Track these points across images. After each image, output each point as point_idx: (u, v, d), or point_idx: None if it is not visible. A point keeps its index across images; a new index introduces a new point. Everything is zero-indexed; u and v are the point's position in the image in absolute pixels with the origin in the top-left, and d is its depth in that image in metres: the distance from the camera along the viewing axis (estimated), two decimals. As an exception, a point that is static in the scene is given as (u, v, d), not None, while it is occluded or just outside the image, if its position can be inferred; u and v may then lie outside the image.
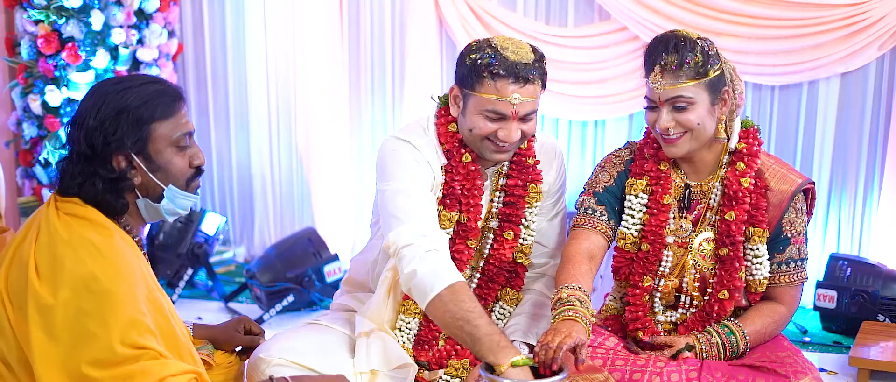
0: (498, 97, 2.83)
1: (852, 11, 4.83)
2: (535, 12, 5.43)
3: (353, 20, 5.70)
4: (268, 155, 6.03)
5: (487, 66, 2.82)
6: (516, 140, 2.91)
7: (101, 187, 2.34)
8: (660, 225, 2.99)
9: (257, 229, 6.12)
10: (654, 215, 3.00)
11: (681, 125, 2.86)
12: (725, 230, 2.96)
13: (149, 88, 2.39)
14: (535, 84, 2.86)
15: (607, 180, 3.08)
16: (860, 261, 4.78)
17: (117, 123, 2.32)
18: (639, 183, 3.02)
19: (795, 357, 2.94)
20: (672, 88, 2.83)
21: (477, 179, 2.99)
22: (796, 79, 5.09)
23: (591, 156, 5.47)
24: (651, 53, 2.87)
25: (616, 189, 3.07)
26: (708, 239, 3.02)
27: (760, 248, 2.98)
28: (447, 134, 2.99)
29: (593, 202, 3.05)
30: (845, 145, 5.11)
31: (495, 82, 2.82)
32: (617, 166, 3.10)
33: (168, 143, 2.39)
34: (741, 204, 2.93)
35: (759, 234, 2.96)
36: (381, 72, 5.72)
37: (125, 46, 5.27)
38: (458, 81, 2.94)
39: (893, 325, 4.50)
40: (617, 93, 5.29)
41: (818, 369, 4.07)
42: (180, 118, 2.42)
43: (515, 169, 3.07)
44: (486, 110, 2.85)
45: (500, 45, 2.86)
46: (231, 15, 5.90)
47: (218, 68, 5.99)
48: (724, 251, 2.97)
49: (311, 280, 5.01)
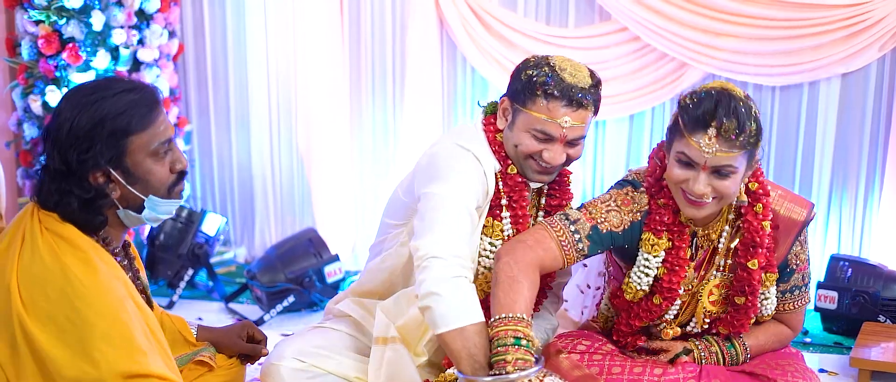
0: (548, 118, 2.78)
1: (853, 12, 4.82)
2: (535, 13, 5.43)
3: (354, 20, 5.70)
4: (268, 155, 6.03)
5: (543, 84, 2.76)
6: (560, 163, 2.86)
7: (76, 207, 2.27)
8: (678, 282, 2.84)
9: (258, 229, 6.11)
10: (674, 272, 2.83)
11: (716, 191, 2.68)
12: (746, 278, 2.83)
13: (123, 97, 2.29)
14: (587, 110, 2.82)
15: (617, 226, 2.84)
16: (861, 262, 4.78)
17: (92, 139, 2.24)
18: (660, 243, 2.81)
19: (796, 363, 2.92)
20: (725, 156, 2.62)
21: (524, 191, 2.93)
22: (797, 79, 5.09)
23: (590, 157, 5.47)
24: (703, 113, 2.63)
25: (623, 239, 2.86)
26: (717, 286, 2.91)
27: (769, 290, 2.91)
28: (496, 142, 2.93)
29: (586, 231, 2.81)
30: (846, 145, 5.10)
31: (548, 102, 2.77)
32: (633, 213, 2.86)
33: (146, 154, 2.31)
34: (762, 249, 2.80)
35: (771, 279, 2.88)
36: (382, 72, 5.72)
37: (126, 47, 5.26)
38: (509, 95, 2.88)
39: (894, 326, 4.49)
40: (617, 94, 5.28)
41: (819, 370, 4.10)
42: (158, 127, 2.33)
43: (557, 189, 3.03)
44: (535, 129, 2.80)
45: (558, 65, 2.80)
46: (232, 15, 5.90)
47: (219, 69, 5.99)
48: (741, 299, 2.87)
49: (311, 281, 5.01)
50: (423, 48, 5.49)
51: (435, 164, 2.88)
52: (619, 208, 2.84)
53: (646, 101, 5.31)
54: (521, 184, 2.91)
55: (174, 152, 2.38)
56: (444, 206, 2.77)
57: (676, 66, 5.21)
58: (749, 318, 2.89)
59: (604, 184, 5.50)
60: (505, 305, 2.61)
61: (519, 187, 2.91)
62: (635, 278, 2.85)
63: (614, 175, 5.48)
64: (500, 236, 2.91)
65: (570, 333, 3.07)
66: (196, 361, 2.75)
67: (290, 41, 5.77)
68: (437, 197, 2.79)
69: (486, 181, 2.88)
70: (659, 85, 5.27)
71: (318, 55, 5.65)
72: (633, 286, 2.86)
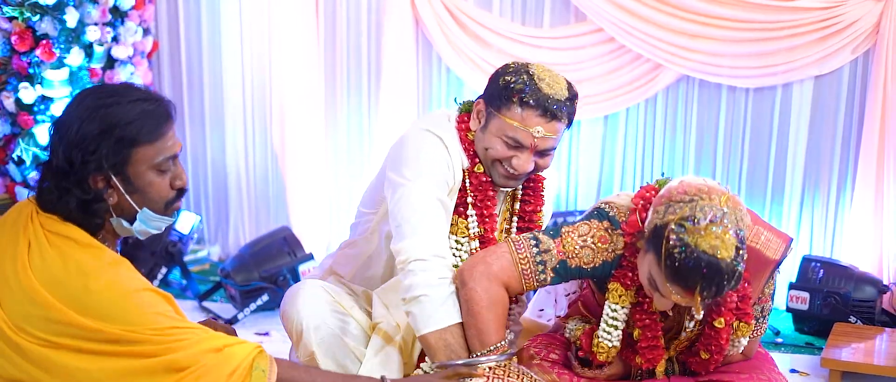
0: (521, 125, 2.78)
1: (826, 15, 4.85)
2: (511, 13, 5.44)
3: (330, 19, 5.69)
4: (243, 154, 6.01)
5: (519, 92, 2.77)
6: (528, 172, 2.87)
7: (73, 206, 2.27)
8: (655, 337, 2.78)
9: (232, 227, 6.10)
10: (646, 327, 2.77)
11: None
12: (713, 337, 2.77)
13: (137, 106, 2.28)
14: (561, 121, 2.82)
15: (587, 263, 2.77)
16: (832, 263, 4.81)
17: (99, 142, 2.23)
18: (627, 294, 2.76)
19: (764, 367, 2.92)
20: (700, 306, 2.53)
21: (490, 190, 2.94)
22: (770, 81, 5.11)
23: (565, 158, 5.48)
24: (688, 277, 2.47)
25: (590, 274, 2.80)
26: (687, 338, 2.85)
27: (742, 340, 2.84)
28: (466, 140, 2.94)
29: (553, 263, 2.75)
30: (818, 147, 5.14)
31: (522, 110, 2.77)
32: (607, 253, 2.77)
33: (149, 166, 2.31)
34: (728, 305, 2.74)
35: (744, 329, 2.80)
36: (357, 71, 5.72)
37: (100, 44, 5.23)
38: (486, 98, 2.88)
39: (865, 327, 4.53)
40: (592, 94, 5.29)
41: (790, 370, 4.13)
42: (166, 141, 2.33)
43: (530, 194, 3.05)
44: (506, 136, 2.80)
45: (537, 74, 2.80)
46: (206, 13, 5.87)
47: (193, 66, 5.97)
48: (706, 355, 2.81)
49: (285, 279, 5.00)
50: (398, 47, 5.49)
51: (404, 150, 2.90)
52: (594, 246, 2.76)
53: (620, 102, 5.33)
54: (487, 184, 2.93)
55: (177, 169, 2.38)
56: (419, 204, 2.79)
57: (651, 67, 5.23)
58: (711, 368, 2.85)
59: (578, 186, 5.52)
60: (484, 342, 2.68)
61: (484, 186, 2.92)
62: (603, 335, 2.80)
63: (589, 176, 5.50)
64: (466, 233, 2.93)
65: (543, 338, 3.07)
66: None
67: (266, 39, 5.76)
68: (408, 189, 2.81)
69: (454, 172, 2.90)
70: (634, 86, 5.29)
71: (294, 53, 5.64)
72: (604, 345, 2.80)
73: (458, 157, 2.91)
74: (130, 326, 2.20)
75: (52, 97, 5.05)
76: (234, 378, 2.26)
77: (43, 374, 2.20)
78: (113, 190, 2.30)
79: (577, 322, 3.00)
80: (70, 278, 2.21)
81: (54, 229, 2.28)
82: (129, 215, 2.35)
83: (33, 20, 5.00)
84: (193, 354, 2.24)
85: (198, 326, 2.34)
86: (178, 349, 2.23)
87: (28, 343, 2.19)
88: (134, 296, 2.23)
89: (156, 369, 2.22)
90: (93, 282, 2.20)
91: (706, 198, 2.50)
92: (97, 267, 2.23)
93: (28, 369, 2.20)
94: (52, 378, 2.20)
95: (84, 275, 2.21)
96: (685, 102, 5.32)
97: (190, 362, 2.23)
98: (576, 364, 2.90)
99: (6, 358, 2.21)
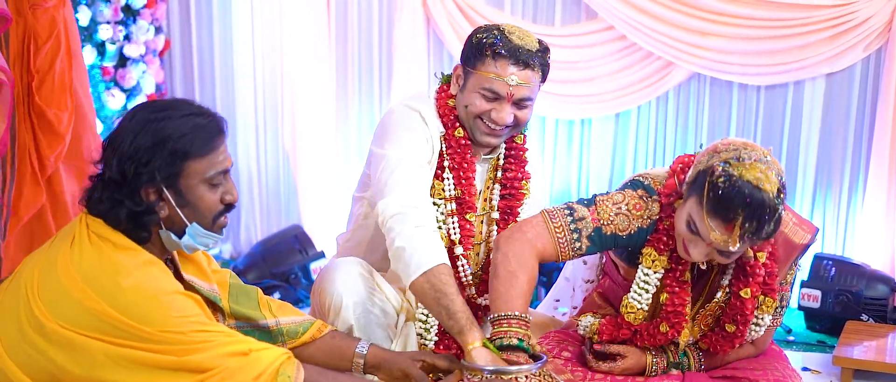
0: (496, 76, 2.89)
1: (838, 12, 4.84)
2: (522, 11, 5.44)
3: (341, 18, 5.69)
4: (254, 152, 6.02)
5: (491, 45, 2.89)
6: (508, 124, 2.94)
7: (124, 217, 2.30)
8: (682, 304, 2.79)
9: (243, 226, 6.10)
10: (675, 294, 2.80)
11: (718, 260, 2.69)
12: (739, 307, 2.80)
13: (190, 120, 2.33)
14: (534, 71, 2.91)
15: (623, 230, 2.81)
16: (844, 261, 4.80)
17: (152, 155, 2.27)
18: (661, 260, 2.79)
19: (779, 364, 2.92)
20: (736, 250, 2.59)
21: (468, 153, 3.02)
22: (782, 79, 5.11)
23: (576, 154, 5.48)
24: (730, 206, 2.52)
25: (626, 242, 2.83)
26: (711, 313, 2.89)
27: (765, 318, 2.86)
28: (445, 107, 3.05)
29: (588, 231, 2.80)
30: (830, 145, 5.13)
31: (496, 62, 2.89)
32: (643, 220, 2.81)
33: (201, 179, 2.34)
34: (756, 278, 2.78)
35: (769, 304, 2.83)
36: (368, 69, 5.72)
37: (112, 42, 5.24)
38: (462, 60, 3.02)
39: (877, 325, 4.52)
40: (603, 92, 5.29)
41: (802, 368, 4.12)
42: (217, 156, 2.37)
43: (512, 162, 3.11)
44: (483, 89, 2.91)
45: (507, 29, 2.94)
46: (218, 11, 5.88)
47: (205, 65, 5.98)
48: (731, 327, 2.84)
49: (297, 278, 5.00)
50: (409, 46, 5.49)
51: (385, 126, 3.04)
52: (628, 213, 2.81)
53: (632, 99, 5.33)
54: (465, 147, 3.02)
55: (227, 184, 2.41)
56: (390, 166, 2.91)
57: (662, 65, 5.22)
58: (733, 345, 2.87)
59: (589, 182, 5.52)
60: (506, 302, 2.65)
61: (462, 149, 3.02)
62: (634, 296, 2.83)
63: (599, 173, 5.50)
64: (442, 195, 3.02)
65: (556, 335, 3.07)
66: None
67: (277, 37, 5.76)
68: (386, 158, 2.93)
69: (431, 142, 3.01)
70: (645, 84, 5.28)
71: (305, 52, 5.64)
72: (632, 306, 2.84)
73: (434, 126, 3.02)
74: (156, 326, 2.22)
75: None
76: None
77: (68, 362, 2.23)
78: (164, 203, 2.33)
79: (590, 318, 3.01)
80: (104, 275, 2.24)
81: (98, 231, 2.31)
82: (178, 229, 2.38)
83: (46, 19, 5.02)
84: (217, 356, 2.26)
85: (225, 329, 2.37)
86: (202, 350, 2.25)
87: (60, 330, 2.22)
88: (163, 298, 2.26)
89: (179, 368, 2.24)
90: (123, 280, 2.23)
91: (750, 148, 2.57)
92: (130, 267, 2.26)
93: (54, 356, 2.23)
94: (76, 365, 2.22)
95: (116, 273, 2.24)
96: (696, 100, 5.32)
97: (213, 364, 2.25)
98: (590, 358, 2.90)
99: (34, 347, 2.25)
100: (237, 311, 2.63)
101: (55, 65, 3.06)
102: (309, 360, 2.49)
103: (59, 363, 2.23)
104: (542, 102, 5.41)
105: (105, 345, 2.22)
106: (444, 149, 3.02)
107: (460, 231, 3.03)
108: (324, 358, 2.63)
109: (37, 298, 2.25)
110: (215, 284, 2.61)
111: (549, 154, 5.57)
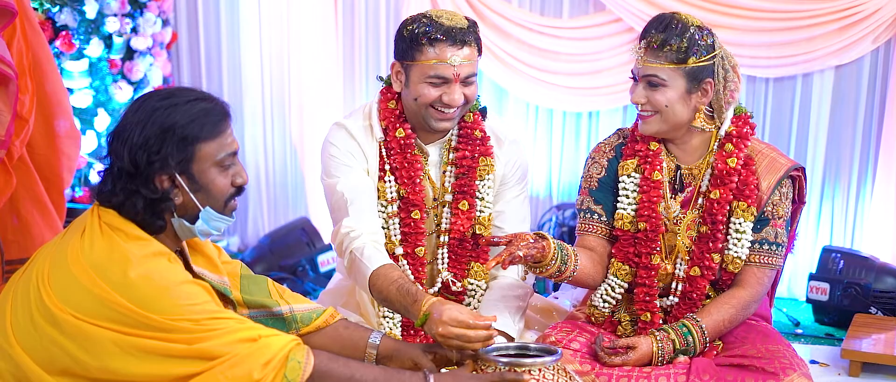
0: (438, 61, 2.91)
1: (847, 4, 4.83)
2: (530, 3, 5.44)
3: (348, 10, 5.69)
4: (262, 145, 6.03)
5: (425, 33, 2.92)
6: (460, 104, 2.98)
7: (141, 207, 2.33)
8: (652, 202, 3.00)
9: (251, 219, 6.11)
10: (645, 192, 3.01)
11: (651, 104, 2.90)
12: (709, 208, 2.96)
13: (196, 105, 2.36)
14: (472, 47, 2.96)
15: (599, 172, 3.11)
16: (853, 254, 4.79)
17: (162, 142, 2.30)
18: (629, 163, 3.05)
19: (785, 351, 2.91)
20: (649, 66, 2.88)
21: (410, 152, 3.06)
22: (791, 71, 5.10)
23: (584, 147, 5.48)
24: (645, 27, 2.93)
25: (609, 179, 3.09)
26: (695, 221, 3.01)
27: (743, 224, 2.95)
28: (386, 110, 3.08)
29: (591, 202, 3.10)
30: (839, 137, 5.12)
31: (434, 48, 2.92)
32: (606, 153, 3.12)
33: (212, 163, 2.37)
34: (728, 184, 2.94)
35: (743, 208, 2.94)
36: (376, 62, 5.72)
37: (119, 35, 5.25)
38: (398, 57, 3.03)
39: (885, 318, 4.51)
40: (611, 84, 5.29)
41: (810, 361, 4.11)
42: (226, 138, 2.41)
43: (463, 141, 3.13)
44: (429, 77, 2.93)
45: (434, 14, 2.97)
46: (225, 4, 5.89)
47: (212, 58, 5.98)
48: (704, 228, 2.98)
49: (304, 270, 5.01)
50: (417, 39, 5.49)
51: (321, 151, 3.14)
52: (595, 159, 3.14)
53: (639, 92, 5.32)
54: (407, 146, 3.06)
55: (237, 166, 2.46)
56: (332, 194, 3.04)
57: (670, 57, 5.21)
58: (712, 250, 2.97)
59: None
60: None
61: (404, 148, 3.06)
62: (620, 205, 3.07)
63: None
64: (385, 197, 3.08)
65: (563, 325, 3.07)
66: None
67: (284, 30, 5.77)
68: (327, 188, 3.08)
69: (364, 153, 3.08)
70: (653, 76, 5.28)
71: (312, 44, 5.65)
72: (620, 214, 3.06)
73: (367, 135, 3.09)
74: (165, 314, 2.24)
75: (72, 88, 5.07)
76: (268, 368, 2.28)
77: (79, 351, 2.24)
78: (178, 190, 2.36)
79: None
80: (114, 264, 2.26)
81: (110, 221, 2.33)
82: (191, 215, 2.40)
83: (53, 11, 5.03)
84: (226, 343, 2.27)
85: (235, 316, 2.38)
86: (212, 338, 2.26)
87: (70, 319, 2.24)
88: (172, 287, 2.27)
89: (188, 356, 2.25)
90: (133, 269, 2.25)
91: None
92: (140, 256, 2.28)
93: (65, 345, 2.24)
94: (87, 354, 2.24)
95: (126, 262, 2.26)
96: (705, 93, 5.30)
97: (223, 351, 2.26)
98: (602, 354, 2.91)
99: (45, 337, 2.26)
100: (250, 300, 2.64)
101: (12, 47, 3.03)
102: (319, 349, 2.50)
103: (69, 352, 2.24)
104: (549, 95, 5.43)
105: (115, 334, 2.22)
106: (383, 152, 3.07)
107: (403, 230, 3.08)
108: (335, 348, 2.63)
109: (48, 287, 2.27)
110: (226, 276, 2.62)
111: (557, 146, 5.56)
